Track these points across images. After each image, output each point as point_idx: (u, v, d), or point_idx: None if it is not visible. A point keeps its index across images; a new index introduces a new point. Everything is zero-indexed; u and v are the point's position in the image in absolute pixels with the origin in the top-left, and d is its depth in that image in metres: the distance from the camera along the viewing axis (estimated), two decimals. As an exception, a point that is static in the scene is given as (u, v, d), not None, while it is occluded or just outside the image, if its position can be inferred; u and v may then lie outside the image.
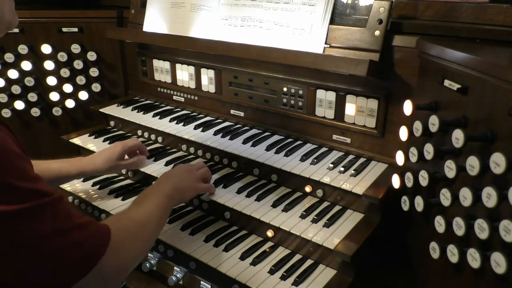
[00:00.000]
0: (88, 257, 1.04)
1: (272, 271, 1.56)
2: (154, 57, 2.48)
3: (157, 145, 2.27)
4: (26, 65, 2.50)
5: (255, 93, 2.13)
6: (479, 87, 1.19)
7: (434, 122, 1.31)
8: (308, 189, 1.78)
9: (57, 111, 2.62)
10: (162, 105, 2.52)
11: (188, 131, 2.15)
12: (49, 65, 2.50)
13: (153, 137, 2.31)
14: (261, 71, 2.06)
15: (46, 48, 2.50)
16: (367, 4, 1.68)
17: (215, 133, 2.11)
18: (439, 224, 1.28)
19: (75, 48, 2.52)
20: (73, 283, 1.02)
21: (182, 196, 1.64)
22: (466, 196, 1.13)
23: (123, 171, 2.20)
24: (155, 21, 2.33)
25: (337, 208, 1.72)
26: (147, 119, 2.31)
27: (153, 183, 1.63)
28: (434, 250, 1.32)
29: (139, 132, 2.36)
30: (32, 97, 2.57)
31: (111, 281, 1.15)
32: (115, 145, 1.97)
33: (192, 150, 2.13)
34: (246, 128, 2.17)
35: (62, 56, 2.51)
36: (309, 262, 1.62)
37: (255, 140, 2.01)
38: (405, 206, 1.52)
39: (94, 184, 2.14)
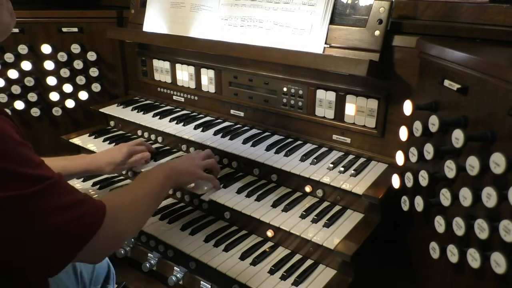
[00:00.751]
0: (86, 231, 1.08)
1: (272, 271, 1.56)
2: (154, 57, 2.48)
3: (157, 145, 2.27)
4: (26, 65, 2.50)
5: (255, 93, 2.13)
6: (479, 87, 1.19)
7: (434, 122, 1.31)
8: (308, 189, 1.78)
9: (57, 111, 2.62)
10: (162, 105, 2.53)
11: (188, 131, 2.15)
12: (49, 65, 2.50)
13: (153, 137, 2.31)
14: (261, 71, 2.06)
15: (46, 48, 2.50)
16: (367, 4, 1.68)
17: (215, 133, 2.11)
18: (439, 224, 1.28)
19: (75, 48, 2.52)
20: (71, 257, 1.06)
21: (179, 178, 1.66)
22: (466, 196, 1.13)
23: (123, 171, 2.20)
24: (155, 21, 2.33)
25: (337, 208, 1.72)
26: (147, 119, 2.31)
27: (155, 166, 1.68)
28: (434, 250, 1.32)
29: (139, 132, 2.36)
30: (32, 97, 2.56)
31: (104, 252, 1.21)
32: (121, 147, 1.94)
33: (192, 150, 2.13)
34: (246, 128, 2.17)
35: (62, 56, 2.51)
36: (309, 262, 1.62)
37: (255, 140, 2.01)
38: (405, 206, 1.52)
39: (94, 184, 2.14)
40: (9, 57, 2.48)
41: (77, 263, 1.61)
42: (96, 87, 2.59)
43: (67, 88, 2.56)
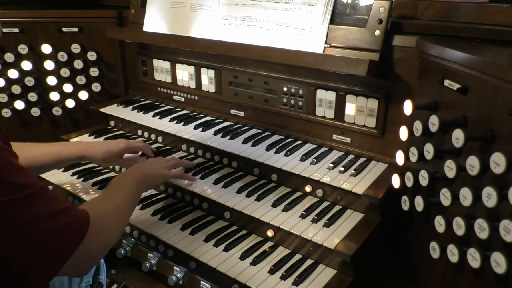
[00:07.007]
0: (72, 239, 1.09)
1: (272, 271, 1.56)
2: (154, 57, 2.48)
3: (157, 145, 2.27)
4: (26, 65, 2.50)
5: (255, 93, 2.13)
6: (479, 87, 1.19)
7: (434, 122, 1.31)
8: (308, 189, 1.78)
9: (57, 111, 2.62)
10: (162, 105, 2.53)
11: (188, 131, 2.15)
12: (49, 65, 2.50)
13: (153, 137, 2.31)
14: (261, 71, 2.06)
15: (46, 48, 2.50)
16: (367, 4, 1.68)
17: (215, 133, 2.11)
18: (439, 224, 1.28)
19: (75, 48, 2.53)
20: (59, 266, 1.06)
21: (152, 182, 1.74)
22: (466, 196, 1.13)
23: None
24: (155, 21, 2.33)
25: (337, 208, 1.72)
26: (147, 119, 2.31)
27: (124, 171, 1.69)
28: (434, 250, 1.32)
29: (139, 132, 2.36)
30: (32, 97, 2.57)
31: (91, 262, 1.23)
32: (120, 141, 1.98)
33: (192, 150, 2.13)
34: (246, 128, 2.17)
35: (62, 56, 2.51)
36: (309, 262, 1.62)
37: (255, 140, 2.01)
38: (405, 206, 1.52)
39: (94, 184, 2.14)
40: (9, 57, 2.48)
41: None
42: (96, 87, 2.59)
43: (67, 88, 2.56)
